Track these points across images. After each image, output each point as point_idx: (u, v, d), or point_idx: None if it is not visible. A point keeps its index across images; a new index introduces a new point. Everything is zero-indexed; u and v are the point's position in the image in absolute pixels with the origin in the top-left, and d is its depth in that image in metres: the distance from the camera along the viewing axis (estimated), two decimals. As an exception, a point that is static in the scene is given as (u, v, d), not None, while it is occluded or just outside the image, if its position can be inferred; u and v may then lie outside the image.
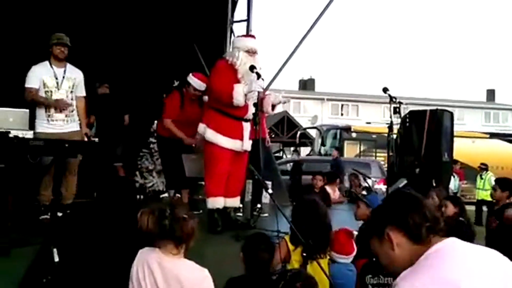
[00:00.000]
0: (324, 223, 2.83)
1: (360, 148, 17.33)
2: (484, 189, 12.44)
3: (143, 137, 6.64)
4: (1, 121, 4.36)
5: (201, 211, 5.18)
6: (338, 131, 17.17)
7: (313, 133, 21.58)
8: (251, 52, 4.27)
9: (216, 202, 4.29)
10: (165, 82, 6.60)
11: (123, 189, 6.24)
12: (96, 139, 5.57)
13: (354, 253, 2.90)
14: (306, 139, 20.44)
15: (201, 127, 4.37)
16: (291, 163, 13.18)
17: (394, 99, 5.57)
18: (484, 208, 10.00)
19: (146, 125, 6.62)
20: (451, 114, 6.68)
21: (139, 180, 6.56)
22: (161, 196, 6.43)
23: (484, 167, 13.05)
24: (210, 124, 4.28)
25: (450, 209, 3.97)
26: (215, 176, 4.28)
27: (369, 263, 2.67)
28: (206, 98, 5.08)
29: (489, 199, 11.52)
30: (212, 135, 4.24)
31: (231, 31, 7.06)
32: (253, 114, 4.23)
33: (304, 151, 21.54)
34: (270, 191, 3.19)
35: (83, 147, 4.58)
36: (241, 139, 4.27)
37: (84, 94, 4.60)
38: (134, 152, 6.66)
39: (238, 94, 4.11)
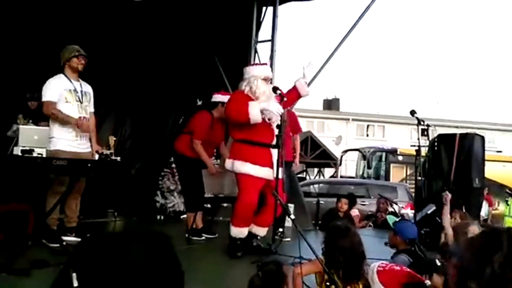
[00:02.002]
0: (358, 252, 2.72)
1: (406, 171, 16.70)
2: (510, 216, 11.91)
3: (165, 157, 6.60)
4: (26, 139, 4.38)
5: (216, 235, 5.09)
6: (384, 153, 16.69)
7: (337, 153, 21.29)
8: (267, 80, 4.29)
9: (241, 233, 4.20)
10: (187, 100, 6.59)
11: (143, 209, 6.26)
12: (118, 158, 5.59)
13: None
14: (331, 160, 20.17)
15: (228, 163, 4.27)
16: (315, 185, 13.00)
17: (422, 122, 5.45)
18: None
19: (168, 145, 6.61)
20: (482, 138, 6.43)
21: (160, 200, 6.52)
22: (182, 217, 6.37)
23: (510, 193, 12.50)
24: (237, 156, 4.18)
25: None
26: (243, 207, 4.16)
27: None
28: None
29: (516, 226, 11.02)
30: (240, 165, 4.13)
31: (255, 51, 7.06)
32: (276, 136, 4.15)
33: (328, 172, 21.24)
34: (292, 216, 3.07)
35: (105, 166, 4.53)
36: (271, 166, 4.14)
37: (93, 110, 4.49)
38: (155, 171, 6.63)
39: (253, 108, 4.00)
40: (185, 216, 6.13)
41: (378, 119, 29.94)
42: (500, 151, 19.95)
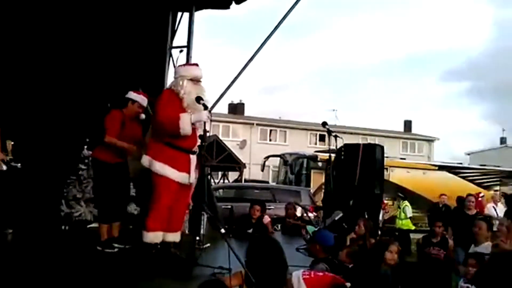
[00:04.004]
0: (282, 261, 2.78)
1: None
2: (400, 218, 13.12)
3: (70, 163, 6.19)
4: None
5: (130, 245, 4.89)
6: (305, 160, 17.08)
7: (241, 157, 21.66)
8: (196, 80, 4.25)
9: (156, 237, 4.10)
10: (97, 106, 6.27)
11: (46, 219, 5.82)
12: (19, 165, 5.12)
13: None
14: (236, 164, 20.46)
15: (146, 159, 4.17)
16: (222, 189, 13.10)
17: (331, 133, 5.85)
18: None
19: (75, 150, 6.20)
20: (382, 148, 7.05)
21: (64, 209, 6.09)
22: (88, 226, 6.03)
23: (402, 196, 13.78)
24: (157, 157, 4.12)
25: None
26: (159, 209, 4.10)
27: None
28: (143, 116, 4.92)
29: (405, 227, 12.21)
30: (160, 168, 4.09)
31: (170, 57, 6.93)
32: (198, 146, 4.14)
33: (232, 175, 21.53)
34: (222, 230, 3.07)
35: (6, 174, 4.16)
36: (188, 172, 4.15)
37: None
38: (59, 179, 6.18)
39: (185, 123, 4.02)
40: (92, 225, 5.82)
41: (280, 124, 31.06)
42: (404, 158, 22.15)
